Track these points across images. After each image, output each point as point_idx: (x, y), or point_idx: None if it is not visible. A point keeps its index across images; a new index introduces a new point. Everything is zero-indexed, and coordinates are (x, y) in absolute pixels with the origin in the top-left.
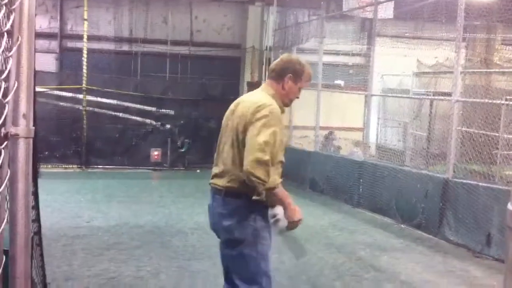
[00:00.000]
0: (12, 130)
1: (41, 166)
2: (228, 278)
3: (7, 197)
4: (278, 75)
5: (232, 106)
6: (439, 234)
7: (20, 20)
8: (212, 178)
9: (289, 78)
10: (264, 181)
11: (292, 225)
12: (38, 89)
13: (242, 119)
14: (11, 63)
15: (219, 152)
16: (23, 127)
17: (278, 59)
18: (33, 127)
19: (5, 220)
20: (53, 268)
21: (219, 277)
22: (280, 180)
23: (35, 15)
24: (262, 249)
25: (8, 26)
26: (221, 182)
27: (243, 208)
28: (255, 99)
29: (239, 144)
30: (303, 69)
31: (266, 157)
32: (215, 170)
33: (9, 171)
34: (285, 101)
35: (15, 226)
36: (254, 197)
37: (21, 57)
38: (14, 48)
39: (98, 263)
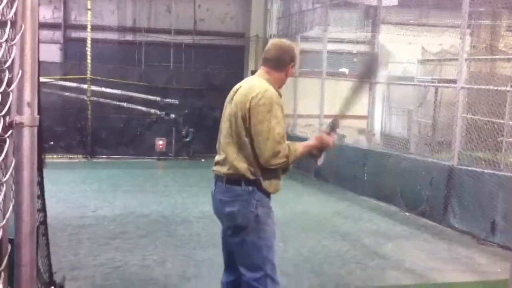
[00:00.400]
0: (17, 118)
1: (46, 156)
2: (229, 267)
3: (13, 186)
4: (279, 65)
5: (230, 93)
6: (443, 221)
7: (23, 9)
8: (214, 165)
9: (292, 66)
10: (285, 163)
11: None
12: (42, 79)
13: (241, 107)
14: (14, 51)
15: (220, 139)
16: (27, 116)
17: (271, 46)
18: (38, 116)
19: (10, 209)
20: (59, 257)
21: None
22: (288, 146)
23: (39, 4)
24: (265, 236)
25: (11, 14)
26: (223, 169)
27: (244, 194)
28: (252, 87)
29: (238, 132)
30: (296, 53)
31: (282, 146)
32: (217, 157)
33: (14, 160)
34: (281, 86)
35: (20, 215)
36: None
37: (24, 46)
38: (18, 37)
39: (104, 252)
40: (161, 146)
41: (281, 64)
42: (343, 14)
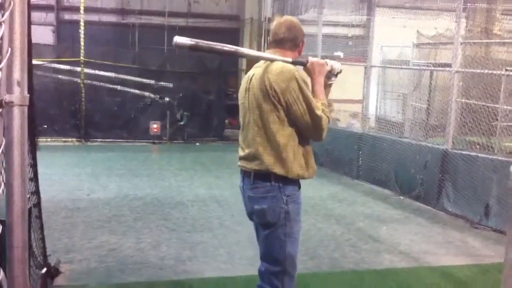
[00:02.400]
0: (6, 97)
1: (40, 139)
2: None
3: (3, 166)
4: (294, 45)
5: (243, 84)
6: (438, 205)
7: None
8: (239, 160)
9: (303, 44)
10: (328, 121)
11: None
12: (35, 61)
13: (264, 95)
14: (3, 28)
15: (243, 134)
16: (17, 95)
17: (282, 26)
18: (28, 95)
19: (1, 190)
20: (54, 240)
21: (219, 248)
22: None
23: None
24: (291, 232)
25: None
26: (250, 165)
27: (274, 190)
28: (271, 69)
29: (264, 123)
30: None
31: (326, 116)
32: (241, 152)
33: (4, 140)
34: None
35: (11, 196)
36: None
37: (13, 23)
38: (6, 14)
39: (99, 235)
40: (155, 130)
41: (296, 43)
42: None
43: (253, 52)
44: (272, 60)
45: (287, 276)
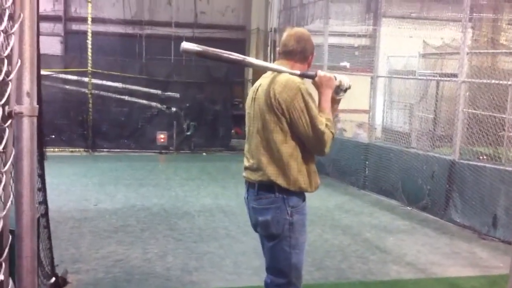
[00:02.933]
0: (16, 108)
1: (48, 149)
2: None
3: (12, 177)
4: (303, 57)
5: (250, 94)
6: (445, 216)
7: None
8: (244, 171)
9: (313, 56)
10: (332, 137)
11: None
12: (43, 72)
13: (266, 105)
14: (13, 40)
15: (248, 145)
16: (27, 105)
17: (291, 38)
18: (37, 106)
19: (11, 199)
20: (61, 250)
21: (225, 258)
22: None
23: None
24: (296, 244)
25: (10, 2)
26: (254, 176)
27: (278, 201)
28: (279, 81)
29: (267, 135)
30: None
31: (330, 131)
32: (246, 163)
33: (14, 150)
34: None
35: (20, 205)
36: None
37: (23, 35)
38: (16, 25)
39: (106, 246)
40: (162, 140)
41: (305, 56)
42: (344, 7)
43: (260, 62)
44: (279, 72)
45: (292, 287)
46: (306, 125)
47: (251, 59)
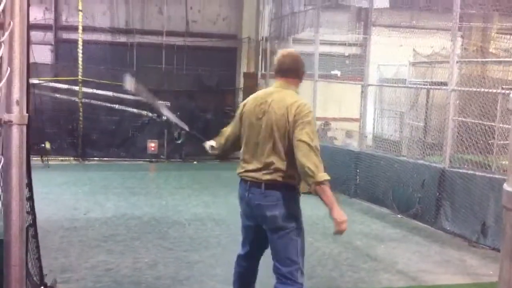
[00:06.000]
0: (6, 116)
1: (37, 158)
2: (252, 257)
3: (1, 186)
4: (298, 74)
5: (256, 104)
6: (435, 224)
7: (11, 5)
8: (245, 172)
9: (303, 74)
10: (324, 179)
11: (341, 226)
12: (33, 81)
13: (282, 119)
14: (2, 49)
15: (252, 150)
16: (16, 114)
17: (287, 58)
18: (27, 114)
19: None
20: (50, 260)
21: (216, 267)
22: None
23: (28, 4)
24: (301, 233)
25: None
26: (260, 176)
27: (286, 199)
28: (291, 99)
29: (280, 142)
30: None
31: (319, 160)
32: (250, 166)
33: (2, 158)
34: None
35: (9, 214)
36: (301, 191)
37: (13, 43)
38: (6, 34)
39: (95, 255)
40: (153, 148)
41: (299, 73)
42: (335, 16)
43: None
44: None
45: (300, 271)
46: (306, 136)
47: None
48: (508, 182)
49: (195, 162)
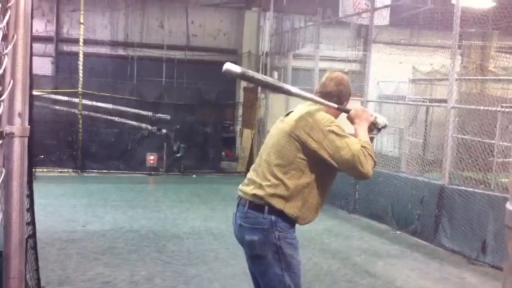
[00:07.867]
0: (7, 128)
1: (37, 169)
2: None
3: (1, 197)
4: (339, 100)
5: (280, 120)
6: (434, 240)
7: (15, 19)
8: (240, 186)
9: (347, 102)
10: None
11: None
12: (34, 92)
13: (301, 134)
14: (6, 61)
15: (260, 164)
16: (18, 126)
17: (330, 81)
18: (29, 126)
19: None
20: (48, 272)
21: (214, 282)
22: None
23: (32, 17)
24: (288, 267)
25: (3, 24)
26: (248, 190)
27: (265, 223)
28: (313, 113)
29: (291, 160)
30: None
31: (364, 154)
32: (247, 180)
33: (4, 170)
34: None
35: (9, 226)
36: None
37: (16, 56)
38: (10, 46)
39: (93, 268)
40: (152, 161)
41: (341, 100)
42: (335, 32)
43: (297, 91)
44: (316, 102)
45: None
46: (333, 150)
47: (288, 87)
48: (510, 201)
49: (194, 176)
